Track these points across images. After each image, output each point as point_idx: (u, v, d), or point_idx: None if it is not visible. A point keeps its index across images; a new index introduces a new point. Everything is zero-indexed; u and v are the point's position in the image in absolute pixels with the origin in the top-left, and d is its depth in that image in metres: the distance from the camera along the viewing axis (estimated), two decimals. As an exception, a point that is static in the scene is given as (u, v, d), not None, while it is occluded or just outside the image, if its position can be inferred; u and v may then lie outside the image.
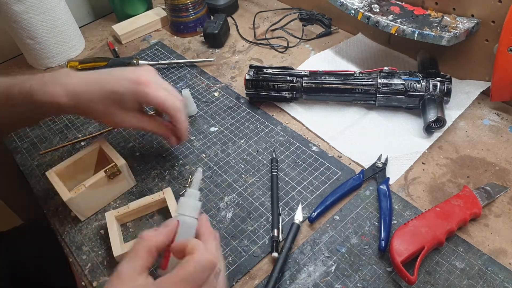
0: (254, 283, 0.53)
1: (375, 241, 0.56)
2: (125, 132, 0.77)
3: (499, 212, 0.57)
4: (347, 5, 0.76)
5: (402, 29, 0.69)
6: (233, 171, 0.67)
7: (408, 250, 0.50)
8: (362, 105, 0.75)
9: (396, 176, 0.63)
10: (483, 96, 0.73)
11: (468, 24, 0.68)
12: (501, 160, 0.64)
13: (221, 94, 0.82)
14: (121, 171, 0.62)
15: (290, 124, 0.74)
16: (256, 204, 0.62)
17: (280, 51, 0.92)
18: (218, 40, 0.94)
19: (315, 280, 0.53)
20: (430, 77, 0.68)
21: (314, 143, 0.70)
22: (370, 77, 0.71)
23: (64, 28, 0.93)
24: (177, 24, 1.00)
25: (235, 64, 0.90)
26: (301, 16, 0.99)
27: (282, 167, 0.67)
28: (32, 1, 0.85)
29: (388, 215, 0.57)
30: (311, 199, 0.62)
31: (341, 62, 0.85)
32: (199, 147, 0.72)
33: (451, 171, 0.63)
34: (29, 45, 0.91)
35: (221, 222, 0.60)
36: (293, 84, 0.74)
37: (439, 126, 0.67)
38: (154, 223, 0.62)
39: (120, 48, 1.00)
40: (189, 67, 0.90)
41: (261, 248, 0.57)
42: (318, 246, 0.56)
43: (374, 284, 0.52)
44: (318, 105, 0.77)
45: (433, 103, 0.67)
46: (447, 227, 0.53)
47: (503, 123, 0.69)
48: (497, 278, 0.50)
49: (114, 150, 0.64)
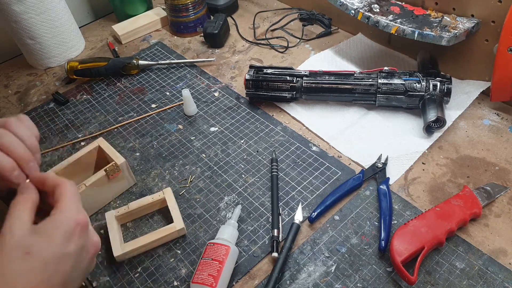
0: (254, 283, 0.53)
1: (375, 241, 0.56)
2: (125, 132, 0.77)
3: (499, 212, 0.57)
4: (347, 5, 0.76)
5: (402, 29, 0.69)
6: (233, 171, 0.67)
7: (408, 250, 0.50)
8: (362, 105, 0.75)
9: (396, 176, 0.63)
10: (483, 96, 0.73)
11: (468, 24, 0.68)
12: (501, 160, 0.64)
13: (221, 94, 0.82)
14: (121, 169, 0.62)
15: (290, 124, 0.74)
16: (256, 204, 0.62)
17: (280, 51, 0.92)
18: (218, 40, 0.94)
19: (315, 280, 0.53)
20: (430, 77, 0.68)
21: (314, 143, 0.70)
22: (370, 77, 0.71)
23: (64, 28, 0.93)
24: (177, 24, 1.00)
25: (235, 64, 0.90)
26: (301, 16, 0.99)
27: (282, 167, 0.67)
28: (32, 1, 0.85)
29: (388, 215, 0.57)
30: (311, 199, 0.62)
31: (341, 62, 0.85)
32: (199, 147, 0.72)
33: (451, 171, 0.63)
34: (29, 45, 0.91)
35: (221, 222, 0.60)
36: (293, 84, 0.74)
37: (439, 126, 0.67)
38: (154, 223, 0.62)
39: (120, 48, 1.00)
40: (189, 67, 0.90)
41: (261, 248, 0.57)
42: (318, 246, 0.56)
43: (374, 284, 0.51)
44: (318, 105, 0.77)
45: (433, 103, 0.67)
46: (447, 227, 0.53)
47: (503, 123, 0.69)
48: (497, 278, 0.50)
49: (113, 149, 0.64)
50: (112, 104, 0.83)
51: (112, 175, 0.62)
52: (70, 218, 0.39)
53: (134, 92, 0.86)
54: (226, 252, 0.52)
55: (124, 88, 0.87)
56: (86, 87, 0.88)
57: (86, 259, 0.40)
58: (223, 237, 0.54)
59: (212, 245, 0.53)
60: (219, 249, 0.52)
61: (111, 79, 0.90)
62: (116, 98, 0.85)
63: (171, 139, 0.74)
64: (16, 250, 0.36)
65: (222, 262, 0.51)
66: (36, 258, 0.36)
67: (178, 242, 0.59)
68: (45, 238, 0.37)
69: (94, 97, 0.86)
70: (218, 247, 0.53)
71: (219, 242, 0.53)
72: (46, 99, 0.87)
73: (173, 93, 0.84)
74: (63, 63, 0.95)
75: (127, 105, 0.82)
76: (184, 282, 0.54)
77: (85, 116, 0.81)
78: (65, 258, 0.37)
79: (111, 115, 0.81)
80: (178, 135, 0.75)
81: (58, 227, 0.38)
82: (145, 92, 0.85)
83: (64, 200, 0.40)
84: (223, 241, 0.53)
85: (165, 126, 0.77)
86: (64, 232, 0.38)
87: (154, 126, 0.77)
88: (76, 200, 0.41)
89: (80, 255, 0.39)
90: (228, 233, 0.55)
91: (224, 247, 0.52)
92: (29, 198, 0.41)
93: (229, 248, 0.52)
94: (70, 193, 0.41)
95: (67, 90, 0.89)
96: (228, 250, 0.52)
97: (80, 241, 0.39)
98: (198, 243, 0.58)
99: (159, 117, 0.79)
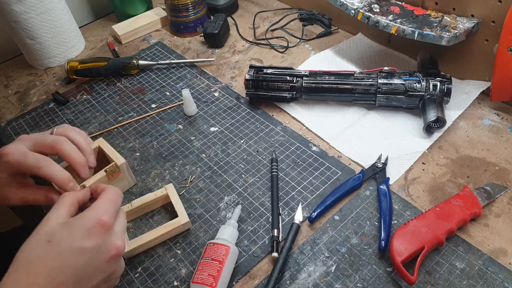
0: (254, 283, 0.53)
1: (375, 241, 0.56)
2: (125, 132, 0.77)
3: (499, 212, 0.57)
4: (347, 5, 0.76)
5: (402, 29, 0.69)
6: (233, 171, 0.67)
7: (408, 250, 0.50)
8: (362, 105, 0.75)
9: (396, 176, 0.63)
10: (483, 96, 0.73)
11: (468, 24, 0.68)
12: (501, 160, 0.64)
13: (221, 94, 0.82)
14: (121, 170, 0.62)
15: (290, 124, 0.74)
16: (256, 204, 0.62)
17: (280, 51, 0.92)
18: (218, 40, 0.94)
19: (315, 280, 0.53)
20: (430, 77, 0.68)
21: (314, 143, 0.70)
22: (370, 77, 0.71)
23: (64, 28, 0.93)
24: (177, 24, 1.00)
25: (235, 64, 0.90)
26: (301, 16, 0.99)
27: (282, 167, 0.67)
28: (32, 1, 0.85)
29: (388, 215, 0.57)
30: (311, 199, 0.62)
31: (341, 62, 0.85)
32: (199, 147, 0.72)
33: (451, 171, 0.63)
34: (29, 45, 0.91)
35: (221, 222, 0.60)
36: (293, 84, 0.74)
37: (439, 126, 0.67)
38: (154, 223, 0.62)
39: (120, 48, 1.00)
40: (189, 67, 0.90)
41: (261, 248, 0.57)
42: (318, 246, 0.56)
43: (374, 284, 0.52)
44: (318, 105, 0.77)
45: (433, 103, 0.67)
46: (447, 227, 0.53)
47: (503, 123, 0.69)
48: (497, 278, 0.50)
49: (114, 149, 0.64)
50: (112, 104, 0.83)
51: (112, 175, 0.62)
52: (94, 216, 0.42)
53: (134, 92, 0.86)
54: (226, 252, 0.52)
55: (124, 88, 0.87)
56: (86, 87, 0.88)
57: (104, 258, 0.42)
58: (223, 237, 0.54)
59: (212, 245, 0.53)
60: (219, 249, 0.52)
61: (111, 79, 0.90)
62: (116, 98, 0.85)
63: (171, 139, 0.74)
64: (43, 236, 0.41)
65: (222, 262, 0.51)
66: (54, 246, 0.40)
67: (178, 242, 0.59)
68: (67, 231, 0.41)
69: (94, 97, 0.86)
70: (218, 247, 0.53)
71: (219, 242, 0.53)
72: (46, 99, 0.87)
73: (173, 93, 0.84)
74: (63, 63, 0.95)
75: (127, 105, 0.82)
76: (184, 282, 0.54)
77: (85, 116, 0.81)
78: (80, 253, 0.40)
79: (111, 115, 0.81)
80: (178, 135, 0.75)
81: (82, 223, 0.41)
82: (145, 92, 0.85)
83: (98, 202, 0.44)
84: (223, 241, 0.53)
85: (165, 126, 0.77)
86: (84, 228, 0.41)
87: (154, 126, 0.77)
88: (109, 203, 0.45)
89: (96, 253, 0.41)
90: (228, 233, 0.55)
91: (224, 247, 0.52)
92: (75, 195, 0.47)
93: (229, 248, 0.52)
94: (106, 196, 0.45)
95: (67, 90, 0.89)
96: (228, 250, 0.52)
97: (98, 239, 0.41)
98: (198, 243, 0.58)
99: (159, 117, 0.79)
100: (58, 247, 0.40)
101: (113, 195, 0.46)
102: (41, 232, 0.41)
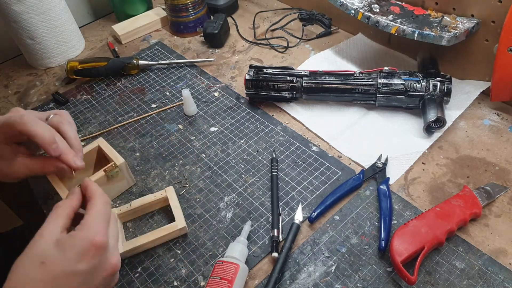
0: (254, 283, 0.53)
1: (375, 241, 0.56)
2: (125, 132, 0.77)
3: (499, 212, 0.57)
4: (347, 5, 0.76)
5: (402, 29, 0.69)
6: (233, 171, 0.67)
7: (408, 250, 0.50)
8: (362, 105, 0.75)
9: (396, 176, 0.63)
10: (483, 96, 0.73)
11: (468, 24, 0.68)
12: (501, 160, 0.64)
13: (221, 94, 0.82)
14: (120, 170, 0.62)
15: (290, 124, 0.74)
16: (256, 204, 0.62)
17: (280, 51, 0.92)
18: (218, 40, 0.94)
19: (315, 280, 0.53)
20: (430, 77, 0.68)
21: (314, 143, 0.70)
22: (370, 77, 0.71)
23: (64, 28, 0.93)
24: (177, 24, 1.00)
25: (235, 64, 0.90)
26: (301, 16, 0.99)
27: (282, 167, 0.67)
28: (32, 1, 0.85)
29: (388, 215, 0.57)
30: (311, 199, 0.62)
31: (341, 62, 0.85)
32: (199, 147, 0.72)
33: (451, 171, 0.63)
34: (29, 45, 0.91)
35: (221, 222, 0.60)
36: (293, 84, 0.74)
37: (439, 126, 0.67)
38: (154, 223, 0.62)
39: (120, 48, 1.00)
40: (189, 67, 0.90)
41: (261, 248, 0.57)
42: (318, 246, 0.56)
43: (374, 284, 0.51)
44: (318, 105, 0.77)
45: (433, 103, 0.67)
46: (447, 227, 0.53)
47: (503, 123, 0.69)
48: (497, 278, 0.50)
49: (113, 149, 0.64)
50: (112, 104, 0.83)
51: (112, 175, 0.62)
52: (86, 237, 0.40)
53: (134, 92, 0.86)
54: (235, 271, 0.50)
55: (124, 88, 0.87)
56: (86, 87, 0.88)
57: (99, 278, 0.41)
58: (233, 254, 0.52)
59: (221, 264, 0.51)
60: (228, 267, 0.50)
61: (111, 79, 0.90)
62: (116, 98, 0.85)
63: (171, 139, 0.74)
64: (36, 257, 0.39)
65: (231, 281, 0.49)
66: (48, 269, 0.39)
67: (178, 242, 0.59)
68: (61, 252, 0.39)
69: (94, 97, 0.86)
70: (227, 266, 0.51)
71: (228, 260, 0.52)
72: (46, 99, 0.87)
73: (173, 93, 0.84)
74: (63, 63, 0.95)
75: (127, 105, 0.82)
76: (184, 282, 0.54)
77: (85, 116, 0.81)
78: (74, 276, 0.39)
79: (111, 115, 0.81)
80: (178, 135, 0.75)
81: (74, 245, 0.40)
82: (145, 92, 0.85)
83: (87, 218, 0.43)
84: (232, 259, 0.52)
85: (165, 126, 0.77)
86: (78, 250, 0.40)
87: (154, 126, 0.77)
88: (99, 219, 0.43)
89: (91, 275, 0.40)
90: (238, 250, 0.53)
91: (233, 265, 0.51)
92: (70, 205, 0.45)
93: (238, 267, 0.51)
94: (95, 210, 0.44)
95: (67, 90, 0.89)
96: (238, 268, 0.50)
97: (93, 262, 0.40)
98: (198, 243, 0.58)
99: (159, 117, 0.79)
100: (52, 269, 0.39)
101: (101, 206, 0.44)
102: (35, 253, 0.40)
